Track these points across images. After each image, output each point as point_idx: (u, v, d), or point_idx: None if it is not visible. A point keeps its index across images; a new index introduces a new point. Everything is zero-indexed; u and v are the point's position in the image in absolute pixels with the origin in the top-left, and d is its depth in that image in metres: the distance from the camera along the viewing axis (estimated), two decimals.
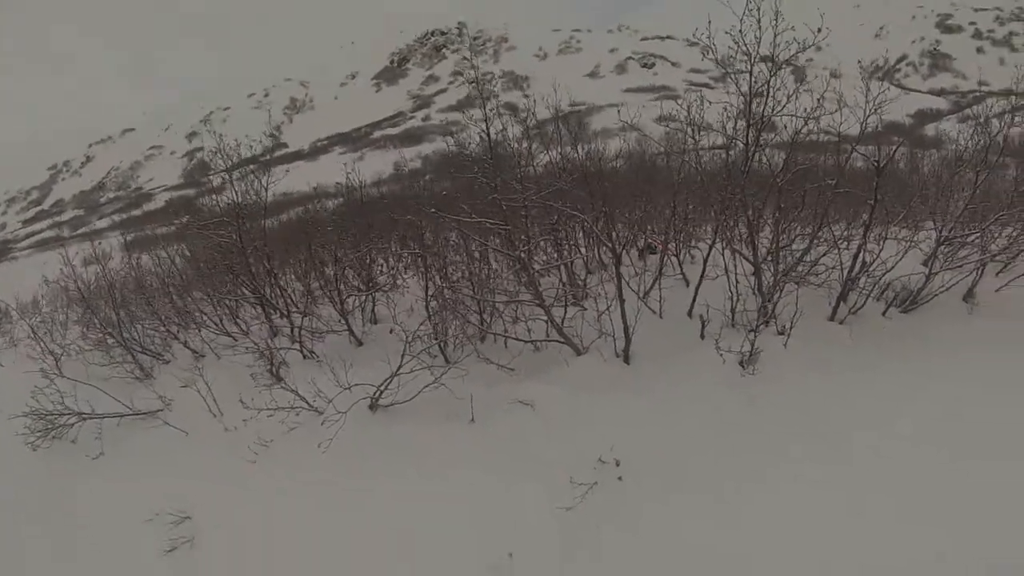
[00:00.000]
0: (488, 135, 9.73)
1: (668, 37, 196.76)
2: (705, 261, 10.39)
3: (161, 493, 7.95)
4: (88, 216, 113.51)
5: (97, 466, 9.12)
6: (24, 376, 11.26)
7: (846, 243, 10.09)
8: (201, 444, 9.07)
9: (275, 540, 7.32)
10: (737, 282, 9.85)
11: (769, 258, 9.86)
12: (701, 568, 6.20)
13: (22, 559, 7.86)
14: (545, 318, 9.68)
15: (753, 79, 8.92)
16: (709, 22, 9.47)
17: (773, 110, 8.99)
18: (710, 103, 10.72)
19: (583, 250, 13.26)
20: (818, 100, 9.22)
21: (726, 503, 6.72)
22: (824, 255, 10.04)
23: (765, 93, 8.93)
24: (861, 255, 9.57)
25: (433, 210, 10.62)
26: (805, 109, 9.05)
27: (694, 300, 10.34)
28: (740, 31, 8.55)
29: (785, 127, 9.46)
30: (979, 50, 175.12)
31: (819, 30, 8.72)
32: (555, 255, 12.24)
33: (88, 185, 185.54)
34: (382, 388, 8.72)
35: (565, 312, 10.18)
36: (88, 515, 8.22)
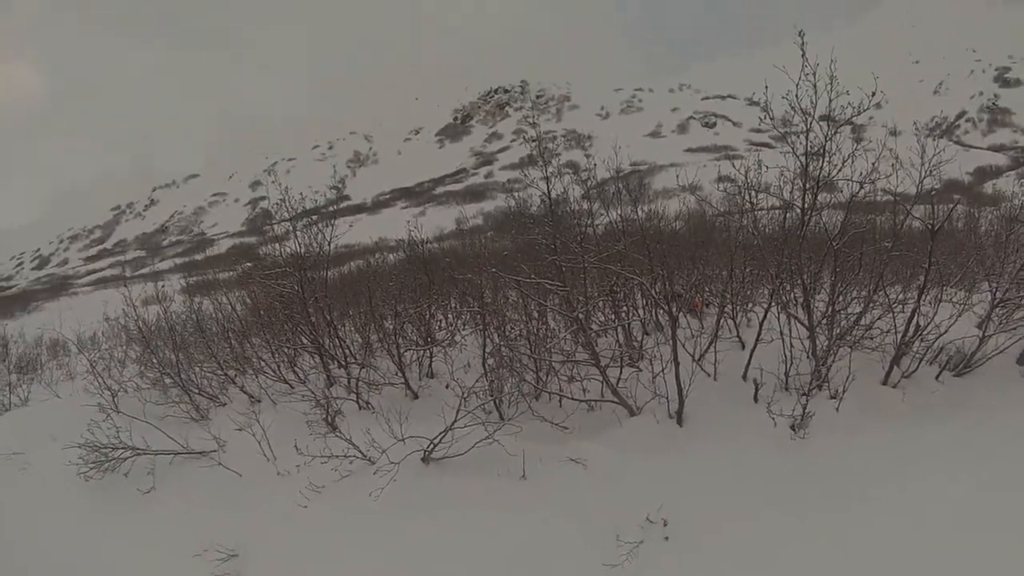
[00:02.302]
0: (548, 196, 9.85)
1: (729, 96, 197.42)
2: (761, 324, 10.40)
3: (210, 530, 8.08)
4: (150, 257, 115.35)
5: (148, 501, 9.27)
6: (81, 409, 11.47)
7: (901, 306, 10.03)
8: (253, 486, 9.17)
9: None
10: (791, 346, 9.87)
11: (824, 321, 9.81)
12: None
13: None
14: (600, 378, 9.71)
15: (810, 142, 8.98)
16: (766, 87, 9.57)
17: (830, 173, 9.04)
18: (767, 167, 10.74)
19: (641, 311, 13.28)
20: (873, 164, 9.26)
21: (772, 567, 6.68)
22: (879, 319, 10.01)
23: (822, 155, 8.99)
24: (915, 319, 9.51)
25: (493, 270, 10.72)
26: (861, 172, 9.06)
27: (748, 363, 10.29)
28: (796, 95, 8.62)
29: (841, 190, 9.46)
30: None
31: (873, 94, 8.77)
32: (613, 316, 12.25)
33: (151, 227, 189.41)
34: (436, 441, 8.76)
35: (620, 372, 10.23)
36: (136, 547, 8.36)
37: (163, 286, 20.71)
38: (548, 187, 9.83)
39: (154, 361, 12.51)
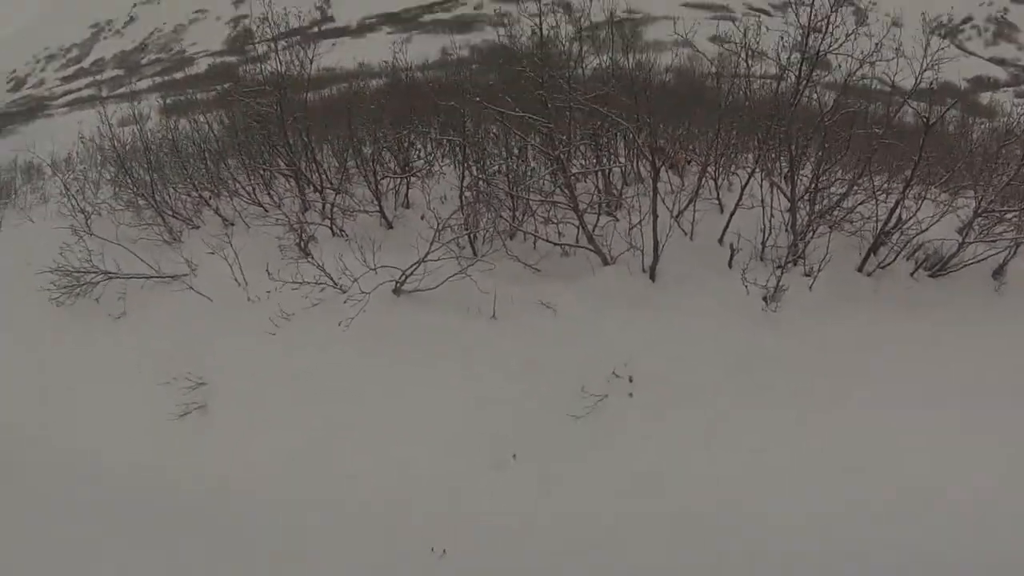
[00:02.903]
0: (540, 30, 9.56)
1: None
2: (742, 190, 10.24)
3: (179, 356, 8.17)
4: (128, 77, 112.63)
5: (119, 325, 9.34)
6: (53, 232, 11.29)
7: (884, 195, 9.95)
8: (223, 311, 9.17)
9: (285, 411, 7.49)
10: (772, 216, 9.74)
11: (806, 197, 9.72)
12: (691, 490, 6.35)
13: (37, 410, 8.05)
14: (577, 223, 9.65)
15: (813, 12, 8.71)
16: None
17: (830, 47, 8.79)
18: (767, 29, 10.46)
19: (622, 160, 13.11)
20: (876, 44, 9.01)
21: (732, 440, 6.83)
22: (861, 203, 9.93)
23: (823, 28, 8.72)
24: (898, 210, 9.46)
25: (477, 99, 10.49)
26: (862, 52, 8.84)
27: (726, 227, 10.20)
28: None
29: (839, 66, 9.27)
30: None
31: None
32: (594, 161, 12.10)
33: (130, 45, 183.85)
34: (408, 273, 8.74)
35: (597, 220, 10.12)
36: (104, 373, 8.47)
37: (139, 104, 20.18)
38: (540, 21, 9.53)
39: (128, 182, 12.27)
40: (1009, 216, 9.90)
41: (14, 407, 8.27)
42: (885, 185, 10.22)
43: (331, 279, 8.90)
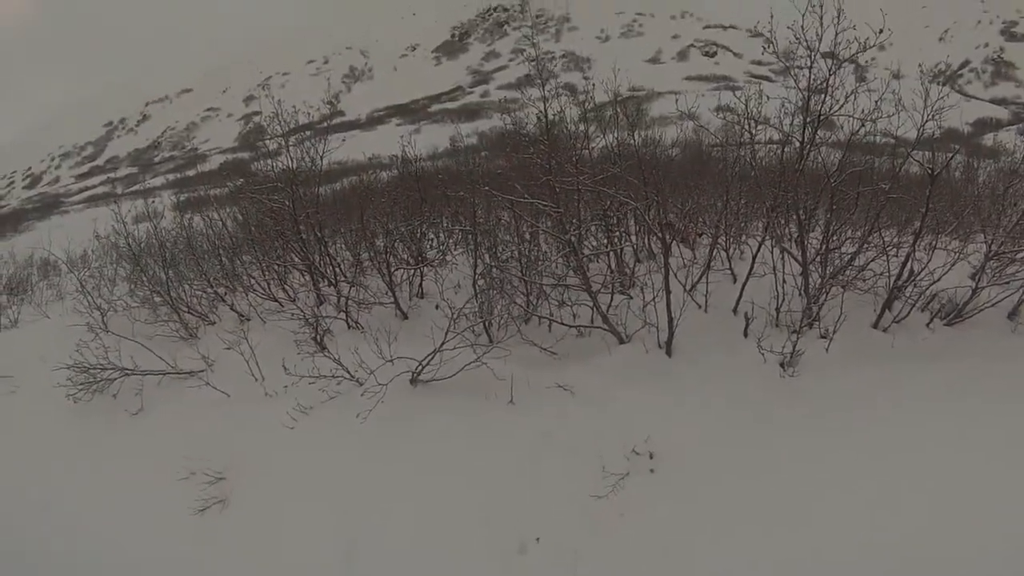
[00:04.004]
0: (545, 116, 9.67)
1: (731, 27, 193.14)
2: (754, 258, 10.24)
3: (198, 452, 8.08)
4: (142, 174, 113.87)
5: (136, 422, 9.30)
6: (69, 329, 11.42)
7: (895, 250, 9.93)
8: (241, 406, 9.16)
9: (306, 505, 7.41)
10: (784, 281, 9.73)
11: (818, 259, 9.72)
12: (724, 565, 6.21)
13: (51, 510, 8.02)
14: (591, 304, 9.67)
15: (812, 76, 8.80)
16: (771, 16, 9.35)
17: (831, 108, 8.84)
18: (768, 97, 10.56)
19: (633, 238, 13.20)
20: (875, 102, 9.02)
21: (758, 509, 6.69)
22: (872, 260, 9.91)
23: (824, 91, 8.81)
24: (910, 263, 9.41)
25: (487, 188, 10.58)
26: (863, 110, 8.88)
27: (740, 297, 10.20)
28: (802, 27, 8.42)
29: (842, 127, 9.30)
30: None
31: (880, 31, 8.55)
32: (605, 241, 12.15)
33: (143, 143, 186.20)
34: (424, 363, 8.73)
35: (611, 299, 10.15)
36: (122, 470, 8.42)
37: (154, 202, 20.40)
38: (545, 107, 9.66)
39: (144, 279, 12.36)
40: (1021, 256, 9.81)
41: (32, 503, 8.24)
42: (895, 239, 10.20)
43: (347, 372, 8.91)
